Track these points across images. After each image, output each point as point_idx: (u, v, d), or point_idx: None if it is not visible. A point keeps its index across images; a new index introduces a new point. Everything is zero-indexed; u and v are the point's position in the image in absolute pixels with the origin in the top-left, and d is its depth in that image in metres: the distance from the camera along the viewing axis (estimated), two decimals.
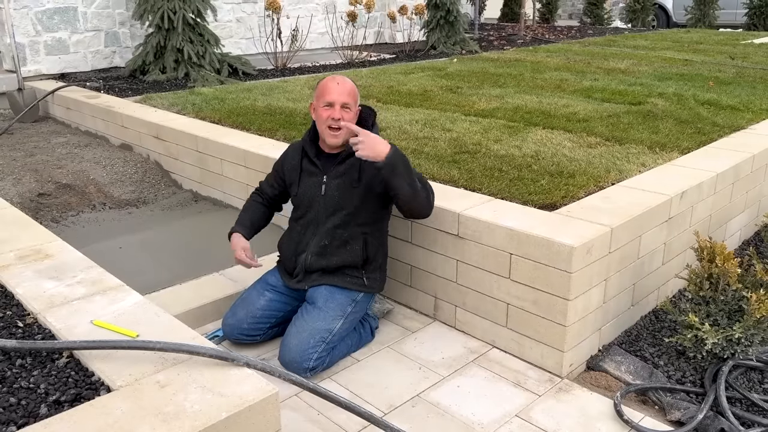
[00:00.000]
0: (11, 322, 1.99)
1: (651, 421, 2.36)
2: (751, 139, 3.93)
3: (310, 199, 2.76)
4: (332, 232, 2.72)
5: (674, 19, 15.19)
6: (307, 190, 2.77)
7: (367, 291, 2.78)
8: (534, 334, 2.67)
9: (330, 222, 2.72)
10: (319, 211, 2.74)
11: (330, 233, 2.72)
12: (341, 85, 2.62)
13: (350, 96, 2.63)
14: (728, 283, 2.51)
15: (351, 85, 2.66)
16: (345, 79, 2.67)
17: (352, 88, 2.65)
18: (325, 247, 2.73)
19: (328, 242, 2.72)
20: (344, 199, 2.70)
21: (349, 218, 2.71)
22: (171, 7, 6.50)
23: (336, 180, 2.71)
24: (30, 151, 5.04)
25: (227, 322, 2.80)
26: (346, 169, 2.70)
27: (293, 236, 2.83)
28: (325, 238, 2.73)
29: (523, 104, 4.95)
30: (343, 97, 2.61)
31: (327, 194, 2.72)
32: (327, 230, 2.73)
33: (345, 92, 2.62)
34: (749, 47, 8.42)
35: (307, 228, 2.78)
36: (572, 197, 2.99)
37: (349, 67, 7.62)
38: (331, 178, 2.72)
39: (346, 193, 2.69)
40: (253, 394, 1.63)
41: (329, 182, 2.72)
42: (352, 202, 2.69)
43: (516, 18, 13.93)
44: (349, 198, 2.69)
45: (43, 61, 6.78)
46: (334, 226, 2.72)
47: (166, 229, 4.01)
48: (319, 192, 2.73)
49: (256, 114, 4.81)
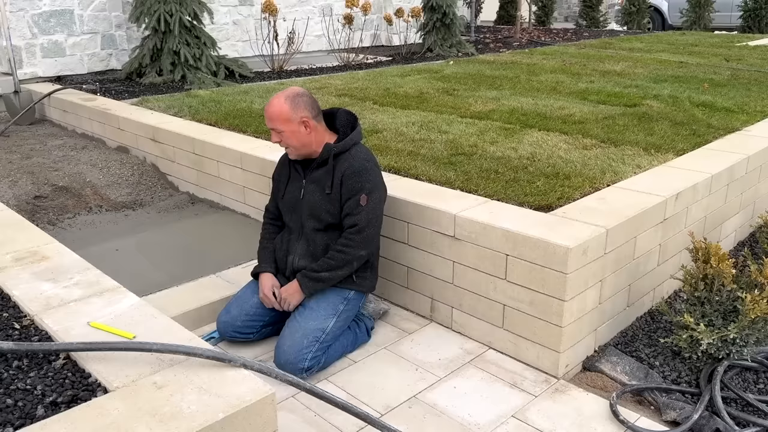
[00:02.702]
0: (8, 324, 1.99)
1: (647, 422, 2.37)
2: (745, 141, 3.95)
3: (293, 203, 2.82)
4: (314, 236, 2.76)
5: (669, 22, 15.23)
6: (289, 194, 2.84)
7: (358, 289, 2.79)
8: (530, 335, 2.68)
9: (310, 225, 2.77)
10: (301, 215, 2.79)
11: (312, 237, 2.77)
12: (266, 112, 2.69)
13: (272, 121, 2.67)
14: (723, 284, 2.52)
15: (275, 108, 2.66)
16: (271, 102, 2.68)
17: (274, 112, 2.66)
18: (310, 250, 2.77)
19: (312, 246, 2.76)
20: (319, 204, 2.73)
21: (327, 223, 2.74)
22: (167, 9, 6.50)
23: (312, 185, 2.76)
24: (26, 154, 5.04)
25: (221, 319, 2.82)
26: (321, 175, 2.74)
27: (284, 239, 2.88)
28: (310, 243, 2.77)
29: (519, 106, 4.96)
30: (269, 124, 2.69)
31: (305, 198, 2.77)
32: (309, 234, 2.78)
33: (269, 118, 2.68)
34: (744, 49, 8.45)
35: (293, 232, 2.84)
36: (568, 198, 3.00)
37: (346, 69, 7.63)
38: (308, 182, 2.78)
39: (321, 198, 2.73)
40: (250, 394, 1.63)
41: (307, 186, 2.78)
42: (326, 207, 2.72)
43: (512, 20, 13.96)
44: (324, 203, 2.72)
45: (39, 64, 6.78)
46: (314, 229, 2.76)
47: (163, 231, 4.01)
48: (299, 195, 2.79)
49: (252, 116, 4.81)
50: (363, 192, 2.67)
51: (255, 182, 3.93)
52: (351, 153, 2.73)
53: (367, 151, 2.81)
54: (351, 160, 2.71)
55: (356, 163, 2.70)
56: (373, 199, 2.69)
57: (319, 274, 2.68)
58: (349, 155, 2.72)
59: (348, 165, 2.69)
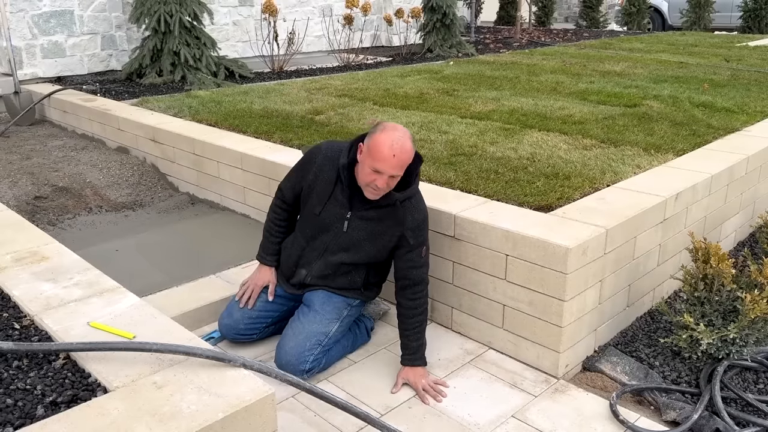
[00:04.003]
0: (8, 324, 1.99)
1: (646, 422, 2.37)
2: (745, 141, 3.95)
3: (328, 226, 2.62)
4: (338, 267, 2.67)
5: (669, 22, 15.23)
6: (329, 216, 2.61)
7: (363, 299, 2.80)
8: (530, 335, 2.68)
9: (339, 257, 2.65)
10: (333, 242, 2.64)
11: (335, 266, 2.67)
12: (397, 158, 2.37)
13: (401, 169, 2.42)
14: (723, 284, 2.52)
15: (407, 156, 2.41)
16: (403, 148, 2.38)
17: (406, 160, 2.41)
18: (327, 274, 2.70)
19: (331, 271, 2.69)
20: (363, 246, 2.61)
21: (360, 258, 2.65)
22: (167, 10, 6.51)
23: (361, 222, 2.58)
24: (26, 154, 5.04)
25: (224, 322, 2.80)
26: (376, 216, 2.56)
27: (297, 247, 2.74)
28: (330, 268, 2.68)
29: (519, 107, 4.96)
30: (395, 170, 2.40)
31: (349, 232, 2.60)
32: (332, 262, 2.66)
33: (398, 166, 2.40)
34: (744, 50, 8.46)
35: (315, 250, 2.69)
36: (568, 199, 3.00)
37: (346, 70, 7.63)
38: (355, 217, 2.58)
39: (367, 239, 2.60)
40: (250, 394, 1.63)
41: (353, 221, 2.59)
42: (368, 250, 2.62)
43: (512, 21, 13.96)
44: (368, 247, 2.61)
45: (39, 65, 6.78)
46: (341, 262, 2.65)
47: (163, 231, 4.01)
48: (341, 227, 2.60)
49: (252, 117, 4.81)
50: (424, 244, 2.59)
51: (255, 183, 3.93)
52: (412, 201, 2.55)
53: (422, 198, 2.63)
54: (414, 213, 2.54)
55: (419, 216, 2.56)
56: (428, 249, 2.64)
57: (420, 342, 2.60)
58: (410, 205, 2.55)
59: (411, 219, 2.54)
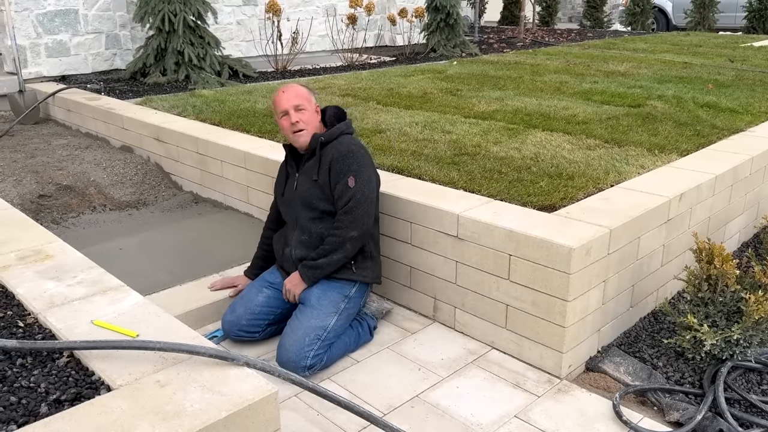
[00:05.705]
0: (12, 322, 1.99)
1: (650, 422, 2.36)
2: (750, 142, 3.94)
3: (290, 197, 2.90)
4: (308, 225, 2.82)
5: (674, 22, 15.20)
6: (287, 191, 2.93)
7: (360, 281, 2.80)
8: (533, 335, 2.68)
9: (304, 215, 2.83)
10: (297, 207, 2.86)
11: (306, 226, 2.82)
12: (287, 92, 2.80)
13: (298, 98, 2.79)
14: (727, 285, 2.52)
15: (297, 88, 2.83)
16: (290, 85, 2.85)
17: (297, 91, 2.81)
18: (305, 240, 2.82)
19: (307, 236, 2.82)
20: (310, 192, 2.80)
21: (321, 211, 2.79)
22: (172, 9, 6.52)
23: (303, 176, 2.84)
24: (31, 153, 5.05)
25: (226, 318, 2.84)
26: (310, 165, 2.82)
27: (282, 234, 2.98)
28: (305, 233, 2.83)
29: (523, 106, 4.96)
30: (291, 101, 2.77)
31: (298, 190, 2.85)
32: (304, 225, 2.84)
33: (292, 97, 2.78)
34: (748, 50, 8.44)
35: (290, 224, 2.93)
36: (571, 199, 3.00)
37: (349, 69, 7.63)
38: (300, 174, 2.86)
39: (311, 187, 2.80)
40: (253, 393, 1.63)
41: (299, 178, 2.86)
42: (317, 194, 2.78)
43: (516, 21, 13.95)
44: (314, 191, 2.79)
45: (43, 64, 6.80)
46: (308, 218, 2.82)
47: (166, 230, 4.02)
48: (293, 188, 2.87)
49: (256, 116, 4.82)
50: (350, 174, 2.73)
51: (258, 182, 3.94)
52: (338, 140, 2.81)
53: (355, 138, 2.89)
54: (338, 146, 2.79)
55: (342, 147, 2.78)
56: (361, 180, 2.73)
57: (317, 261, 2.73)
58: (336, 143, 2.80)
59: (335, 151, 2.77)
